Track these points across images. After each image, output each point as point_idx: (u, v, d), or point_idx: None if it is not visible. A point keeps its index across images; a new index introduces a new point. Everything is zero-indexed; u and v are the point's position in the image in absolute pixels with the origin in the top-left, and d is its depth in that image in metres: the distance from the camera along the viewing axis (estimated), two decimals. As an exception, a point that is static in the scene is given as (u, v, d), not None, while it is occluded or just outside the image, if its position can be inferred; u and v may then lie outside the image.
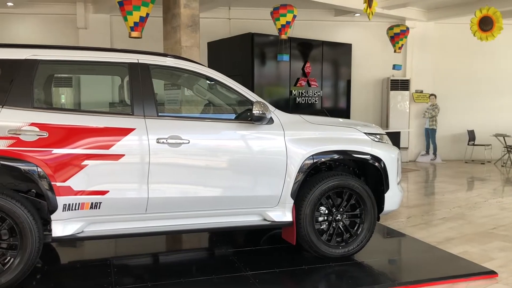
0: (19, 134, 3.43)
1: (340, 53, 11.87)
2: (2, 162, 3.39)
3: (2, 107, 3.47)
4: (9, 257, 3.49)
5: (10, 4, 10.63)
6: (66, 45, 4.13)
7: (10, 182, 3.69)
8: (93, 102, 10.47)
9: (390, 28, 11.42)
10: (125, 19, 7.38)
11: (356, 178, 4.42)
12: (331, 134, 4.35)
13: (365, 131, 4.48)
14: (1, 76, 3.57)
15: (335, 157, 4.33)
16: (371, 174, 4.54)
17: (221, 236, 5.12)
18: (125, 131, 3.71)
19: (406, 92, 12.74)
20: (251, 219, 4.17)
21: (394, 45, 11.48)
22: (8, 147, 3.39)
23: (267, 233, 5.23)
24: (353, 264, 4.30)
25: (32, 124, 3.48)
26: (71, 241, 4.03)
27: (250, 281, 3.82)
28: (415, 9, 12.11)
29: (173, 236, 5.22)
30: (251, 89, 4.30)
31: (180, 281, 3.82)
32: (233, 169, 4.01)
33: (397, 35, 11.33)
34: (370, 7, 7.24)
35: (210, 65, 8.34)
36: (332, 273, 4.13)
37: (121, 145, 3.67)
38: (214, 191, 3.96)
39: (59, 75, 6.62)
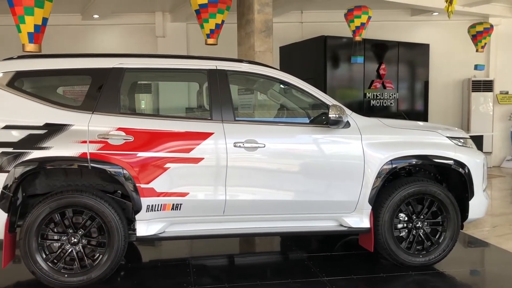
0: (108, 138, 3.65)
1: (417, 54, 11.43)
2: (92, 165, 3.62)
3: (92, 113, 3.71)
4: (98, 254, 3.72)
5: (96, 16, 11.35)
6: (149, 53, 4.33)
7: (99, 183, 3.93)
8: (171, 108, 10.91)
9: (472, 26, 10.81)
10: (202, 27, 7.61)
11: (437, 184, 4.23)
12: (411, 138, 4.21)
13: (448, 135, 4.28)
14: (92, 84, 3.82)
15: (415, 162, 4.18)
16: (454, 180, 4.32)
17: (294, 240, 5.11)
18: (205, 135, 3.82)
19: (490, 94, 11.98)
20: (327, 224, 4.12)
21: (476, 44, 10.85)
22: (97, 150, 3.62)
23: (342, 238, 5.14)
24: (434, 274, 4.12)
25: (119, 129, 3.69)
26: (153, 240, 4.21)
27: (326, 286, 3.77)
28: (499, 5, 11.36)
29: (247, 239, 5.28)
30: (324, 92, 4.26)
31: (256, 283, 3.86)
32: (309, 174, 3.99)
33: (479, 34, 10.70)
34: (450, 5, 6.90)
35: (282, 69, 8.39)
36: (412, 282, 3.98)
37: (200, 149, 3.78)
38: (289, 195, 3.96)
39: (141, 82, 6.97)
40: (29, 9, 5.77)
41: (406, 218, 4.18)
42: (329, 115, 3.89)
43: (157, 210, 3.76)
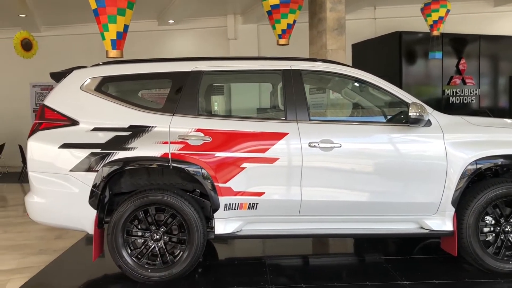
0: (187, 139, 3.78)
1: (500, 47, 10.73)
2: (173, 164, 3.76)
3: (173, 115, 3.86)
4: (178, 250, 3.87)
5: (171, 21, 11.81)
6: (225, 56, 4.43)
7: (179, 182, 4.08)
8: (242, 109, 11.09)
9: None
10: (273, 27, 7.66)
11: (529, 185, 3.94)
12: (497, 136, 3.96)
13: (540, 133, 3.98)
14: (172, 87, 3.97)
15: (502, 163, 3.93)
16: (549, 181, 4.01)
17: (371, 242, 4.99)
18: (279, 136, 3.83)
19: None
20: (407, 226, 3.99)
21: None
22: (178, 150, 3.76)
23: (421, 241, 4.95)
24: (526, 282, 3.85)
25: (198, 130, 3.80)
26: (230, 238, 4.29)
27: (407, 291, 3.66)
28: None
29: (321, 240, 5.24)
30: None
31: (333, 284, 3.81)
32: (387, 175, 3.88)
33: None
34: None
35: (355, 67, 8.31)
36: (501, 290, 3.75)
37: (275, 149, 3.81)
38: (367, 196, 3.88)
39: (216, 84, 7.14)
40: (112, 17, 6.12)
41: (493, 222, 3.95)
42: (409, 114, 3.76)
43: (234, 209, 3.84)
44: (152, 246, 3.85)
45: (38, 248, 5.16)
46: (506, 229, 3.91)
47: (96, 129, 3.81)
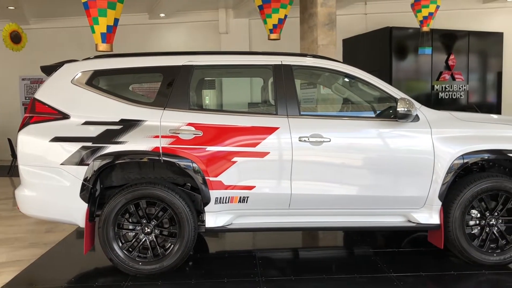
0: (178, 133, 3.80)
1: (489, 43, 10.86)
2: (164, 158, 3.78)
3: (164, 109, 3.88)
4: (169, 244, 3.90)
5: (162, 15, 11.76)
6: (216, 51, 4.45)
7: (170, 176, 4.11)
8: (234, 103, 11.12)
9: (552, 12, 10.10)
10: (265, 22, 7.68)
11: (514, 180, 4.03)
12: (484, 131, 4.04)
13: (526, 129, 4.05)
14: (163, 81, 3.99)
15: (488, 157, 4.00)
16: (533, 176, 4.10)
17: (360, 236, 5.06)
18: (270, 130, 3.87)
19: None
20: (395, 219, 4.06)
21: (557, 31, 10.13)
22: (169, 145, 3.78)
23: (410, 235, 5.03)
24: (510, 274, 3.93)
25: (189, 124, 3.83)
26: (221, 232, 4.33)
27: (394, 283, 3.72)
28: None
29: (311, 233, 5.30)
30: (389, 85, 4.21)
31: (322, 277, 3.87)
32: (376, 169, 3.94)
33: (560, 19, 9.98)
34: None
35: (346, 62, 8.34)
36: (485, 282, 3.83)
37: (266, 143, 3.85)
38: (356, 190, 3.94)
39: (207, 78, 7.15)
40: (102, 10, 6.10)
41: (478, 215, 4.03)
42: (398, 109, 3.81)
43: (225, 203, 3.87)
44: (143, 239, 3.88)
45: (29, 242, 5.16)
46: (491, 222, 3.99)
47: (87, 123, 3.82)
